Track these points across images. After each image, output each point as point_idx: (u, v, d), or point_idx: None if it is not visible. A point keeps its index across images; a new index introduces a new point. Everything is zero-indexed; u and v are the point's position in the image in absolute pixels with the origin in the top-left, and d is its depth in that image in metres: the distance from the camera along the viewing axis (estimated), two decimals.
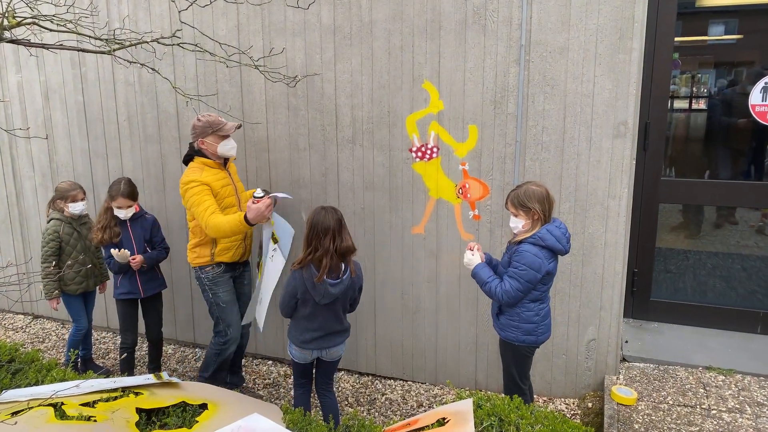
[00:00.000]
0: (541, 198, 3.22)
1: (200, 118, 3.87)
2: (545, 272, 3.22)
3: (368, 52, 4.32)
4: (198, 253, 4.05)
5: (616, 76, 3.81)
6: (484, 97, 4.09)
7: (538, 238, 3.20)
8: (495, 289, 3.27)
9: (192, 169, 3.90)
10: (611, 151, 3.91)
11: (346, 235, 3.31)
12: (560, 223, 3.30)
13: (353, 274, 3.37)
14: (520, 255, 3.20)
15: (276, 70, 4.32)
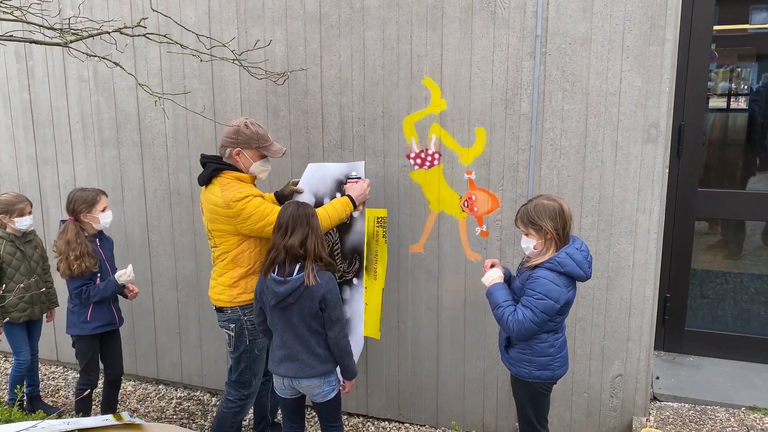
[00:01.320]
0: (553, 214, 3.17)
1: (249, 124, 3.71)
2: (564, 302, 3.16)
3: (359, 44, 4.29)
4: (243, 288, 3.79)
5: (646, 71, 3.78)
6: (493, 95, 4.07)
7: (557, 263, 3.14)
8: (507, 317, 3.21)
9: (232, 184, 3.67)
10: (640, 158, 3.88)
11: (299, 235, 3.33)
12: (581, 244, 3.23)
13: (309, 280, 3.31)
14: (536, 282, 3.15)
15: (256, 65, 4.23)
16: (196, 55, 3.78)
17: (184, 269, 5.11)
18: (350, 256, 4.13)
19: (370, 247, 4.08)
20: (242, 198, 3.57)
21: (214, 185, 3.68)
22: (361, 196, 3.91)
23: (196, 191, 4.89)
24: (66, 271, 4.12)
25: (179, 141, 4.90)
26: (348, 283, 4.14)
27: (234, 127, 3.72)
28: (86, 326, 4.28)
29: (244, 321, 3.82)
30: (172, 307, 5.24)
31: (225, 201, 3.59)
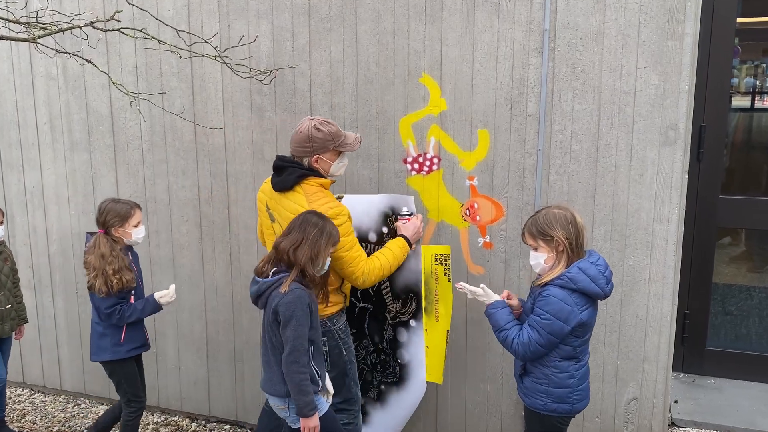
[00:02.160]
0: (565, 222, 3.16)
1: (319, 126, 3.64)
2: (576, 323, 3.11)
3: (352, 38, 4.29)
4: (333, 300, 3.83)
5: (663, 68, 3.78)
6: (497, 94, 4.07)
7: (567, 279, 3.11)
8: (512, 340, 3.22)
9: (319, 195, 3.65)
10: (657, 162, 3.88)
11: (293, 238, 3.37)
12: (597, 258, 3.20)
13: (284, 288, 3.31)
14: (544, 300, 3.13)
15: (239, 62, 4.23)
16: (175, 51, 3.76)
17: (161, 284, 5.03)
18: (404, 296, 4.10)
19: (429, 287, 4.06)
20: (335, 216, 3.56)
21: (297, 193, 3.65)
22: (415, 236, 3.90)
23: (175, 199, 4.90)
24: (102, 288, 3.99)
25: (156, 144, 4.88)
26: (404, 325, 4.11)
27: (303, 133, 3.64)
28: (120, 349, 4.19)
29: (335, 331, 3.83)
30: (148, 325, 4.93)
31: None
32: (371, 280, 3.70)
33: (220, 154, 4.74)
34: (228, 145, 4.71)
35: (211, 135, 4.72)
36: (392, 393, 4.21)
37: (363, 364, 4.31)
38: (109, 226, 4.08)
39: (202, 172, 4.81)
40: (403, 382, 4.18)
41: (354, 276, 3.67)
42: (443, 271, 4.04)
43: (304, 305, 3.32)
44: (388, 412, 4.26)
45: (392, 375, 4.21)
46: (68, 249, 5.24)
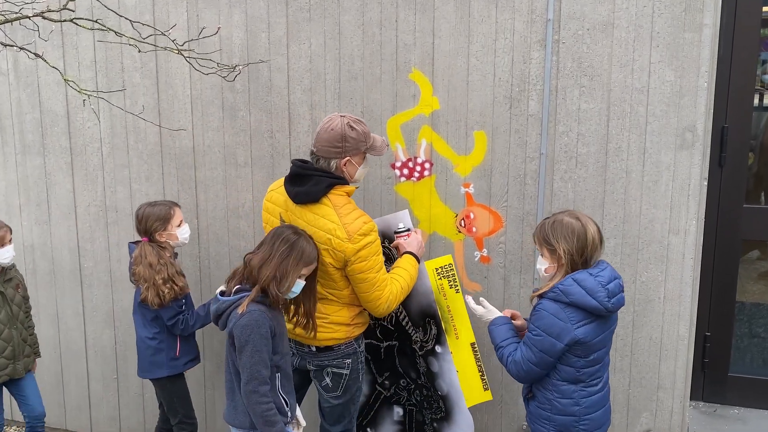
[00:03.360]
0: (571, 235, 3.15)
1: (353, 124, 3.58)
2: (571, 341, 3.09)
3: (334, 29, 4.29)
4: (358, 321, 3.85)
5: (680, 63, 3.80)
6: (495, 92, 4.08)
7: (559, 291, 3.12)
8: (506, 357, 3.28)
9: (348, 207, 3.61)
10: (673, 168, 3.91)
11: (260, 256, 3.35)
12: (602, 269, 3.18)
13: (241, 308, 3.28)
14: (536, 315, 3.19)
15: (206, 56, 4.13)
16: (134, 45, 3.70)
17: (122, 302, 5.02)
18: (422, 322, 4.07)
19: (440, 305, 4.03)
20: (369, 232, 3.55)
21: (325, 206, 3.59)
22: (420, 251, 3.88)
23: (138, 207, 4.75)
24: (155, 300, 4.07)
25: (117, 147, 4.84)
26: (432, 354, 4.07)
27: (335, 131, 3.56)
28: (177, 363, 4.30)
29: (360, 353, 3.87)
30: (108, 347, 5.17)
31: (348, 232, 3.51)
32: (393, 306, 3.69)
33: (188, 158, 4.71)
34: (197, 148, 4.69)
35: (178, 137, 4.70)
36: (444, 429, 4.19)
37: (410, 405, 4.32)
38: (152, 231, 4.16)
39: (168, 178, 4.78)
40: (450, 416, 4.16)
41: (379, 301, 3.63)
42: (448, 284, 4.04)
43: (263, 329, 3.27)
44: None
45: (439, 410, 4.19)
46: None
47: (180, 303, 4.19)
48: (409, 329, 4.10)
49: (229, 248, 4.71)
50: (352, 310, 3.78)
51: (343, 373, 3.84)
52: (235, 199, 4.66)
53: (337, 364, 3.83)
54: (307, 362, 3.87)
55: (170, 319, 4.17)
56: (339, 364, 3.84)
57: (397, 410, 4.33)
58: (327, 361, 3.83)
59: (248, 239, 4.66)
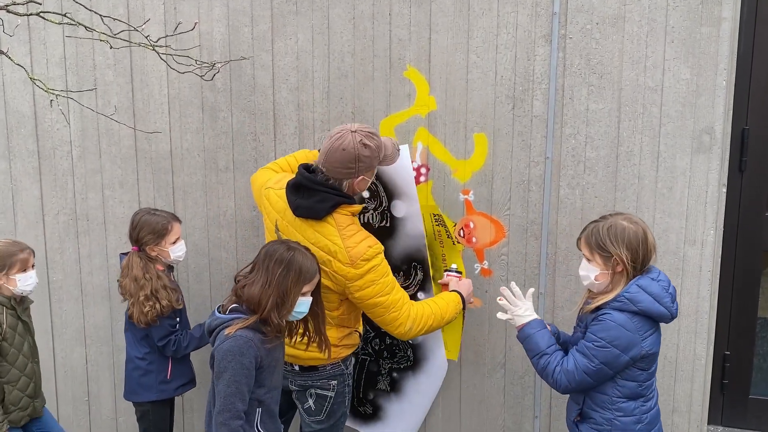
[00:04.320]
0: (634, 241, 3.13)
1: (366, 141, 3.50)
2: (637, 354, 3.11)
3: (323, 24, 4.29)
4: (346, 343, 3.87)
5: (696, 59, 3.80)
6: (497, 91, 4.09)
7: (626, 300, 3.11)
8: (554, 368, 3.23)
9: (352, 229, 3.60)
10: (689, 173, 3.91)
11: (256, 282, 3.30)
12: (658, 274, 3.21)
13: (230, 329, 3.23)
14: (600, 324, 3.14)
15: (184, 53, 4.14)
16: (105, 40, 3.71)
17: (94, 318, 5.02)
18: (405, 266, 4.13)
19: (434, 251, 4.10)
20: (373, 257, 3.54)
21: (328, 225, 3.57)
22: (468, 297, 3.94)
23: (111, 216, 4.85)
24: (141, 318, 4.07)
25: (89, 151, 4.81)
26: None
27: (348, 152, 3.49)
28: (167, 387, 4.28)
29: (347, 375, 3.90)
30: (79, 366, 5.14)
31: (351, 257, 3.50)
32: (417, 330, 3.66)
33: (165, 162, 4.70)
34: (174, 151, 4.68)
35: (155, 140, 4.68)
36: (407, 379, 4.27)
37: (363, 354, 4.37)
38: (143, 243, 4.17)
39: (143, 184, 4.77)
40: (419, 365, 4.25)
41: (397, 323, 3.61)
42: (446, 233, 4.09)
43: (245, 359, 3.20)
44: (406, 402, 4.33)
45: (405, 359, 4.26)
46: None
47: (173, 322, 4.17)
48: None
49: (209, 260, 4.70)
50: (342, 331, 3.79)
51: (327, 395, 3.85)
52: (215, 206, 4.64)
53: (322, 385, 3.84)
54: (289, 382, 3.84)
55: (161, 339, 4.15)
56: (323, 386, 3.84)
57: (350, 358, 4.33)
58: (311, 382, 3.83)
59: (230, 250, 4.66)
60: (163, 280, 4.12)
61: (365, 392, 4.39)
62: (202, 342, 4.22)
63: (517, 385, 4.31)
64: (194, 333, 4.24)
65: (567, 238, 4.05)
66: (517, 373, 4.30)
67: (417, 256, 4.08)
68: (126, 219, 4.65)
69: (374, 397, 4.39)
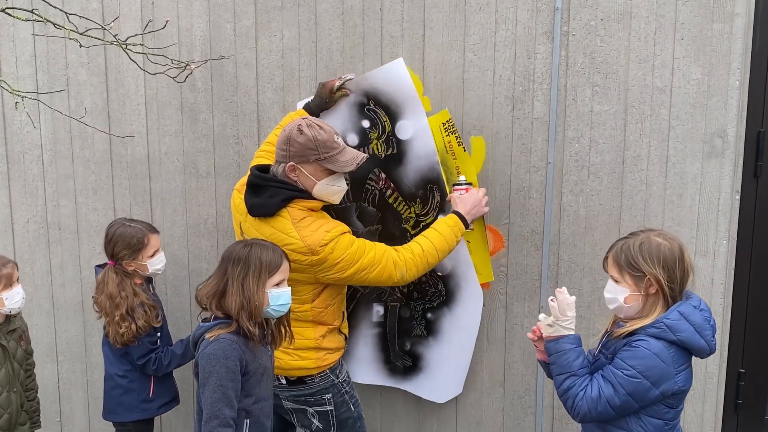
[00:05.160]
0: (669, 259, 3.03)
1: (304, 128, 3.59)
2: (668, 390, 3.00)
3: (310, 20, 4.29)
4: (329, 346, 3.86)
5: (708, 58, 3.81)
6: (495, 92, 4.10)
7: (665, 327, 3.00)
8: (577, 392, 3.09)
9: (308, 221, 3.63)
10: (701, 179, 3.94)
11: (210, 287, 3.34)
12: (699, 302, 3.10)
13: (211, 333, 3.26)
14: (632, 351, 3.01)
15: (161, 51, 4.13)
16: (75, 39, 3.70)
17: (66, 333, 5.01)
18: (421, 191, 4.12)
19: (447, 166, 4.07)
20: (331, 239, 3.58)
21: (283, 219, 3.63)
22: (475, 212, 3.88)
23: (84, 225, 4.84)
24: (117, 339, 4.05)
25: (60, 155, 4.81)
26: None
27: (284, 133, 3.64)
28: (150, 406, 4.27)
29: (340, 384, 3.88)
30: (50, 385, 5.09)
31: (308, 246, 3.55)
32: (412, 272, 3.70)
33: (142, 167, 4.70)
34: (152, 155, 4.67)
35: (131, 143, 4.68)
36: (444, 318, 4.21)
37: (393, 301, 4.32)
38: (119, 258, 4.15)
39: (119, 190, 4.76)
40: (453, 298, 4.20)
41: (385, 275, 3.66)
42: (456, 141, 4.05)
43: (230, 361, 3.20)
44: (446, 344, 4.25)
45: (437, 295, 4.21)
46: None
47: (153, 339, 4.15)
48: (400, 206, 4.15)
49: (188, 271, 4.70)
50: (319, 329, 3.78)
51: (327, 410, 3.86)
52: (195, 214, 4.64)
53: (316, 401, 3.84)
54: (281, 399, 3.84)
55: (141, 357, 4.14)
56: (318, 401, 3.85)
57: (376, 309, 4.34)
58: (303, 398, 3.83)
59: (211, 261, 4.63)
60: (140, 297, 4.09)
61: (401, 344, 4.32)
62: (184, 359, 4.21)
63: (517, 406, 4.30)
64: (176, 350, 4.22)
65: (570, 248, 4.05)
66: (517, 393, 4.29)
67: (431, 176, 4.07)
68: (100, 227, 4.67)
69: (411, 347, 4.33)
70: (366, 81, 4.06)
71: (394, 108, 4.04)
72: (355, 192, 4.16)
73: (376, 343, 4.34)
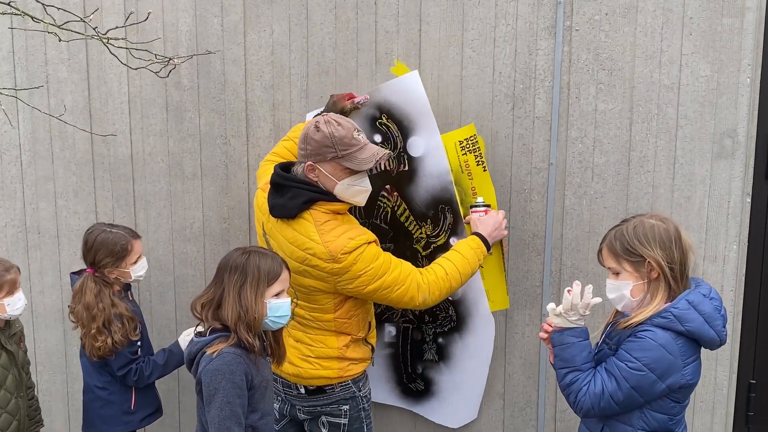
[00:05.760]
0: (666, 239, 3.02)
1: (320, 125, 3.54)
2: (675, 383, 2.97)
3: (301, 14, 4.30)
4: (353, 356, 3.82)
5: (717, 54, 3.82)
6: (494, 89, 4.10)
7: (673, 317, 2.97)
8: (581, 387, 3.07)
9: (332, 224, 3.59)
10: (709, 182, 3.95)
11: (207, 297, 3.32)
12: (709, 290, 3.09)
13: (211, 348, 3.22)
14: (637, 343, 2.99)
15: (144, 46, 4.09)
16: (53, 32, 3.68)
17: (45, 342, 5.00)
18: (432, 212, 4.10)
19: (462, 186, 4.05)
20: (355, 248, 3.52)
21: (305, 222, 3.58)
22: (496, 234, 3.86)
23: (65, 229, 4.83)
24: (93, 352, 4.00)
25: (40, 155, 4.80)
26: (443, 249, 4.02)
27: (303, 132, 3.63)
28: (132, 419, 4.24)
29: (360, 398, 3.86)
30: None
31: (330, 252, 3.50)
32: (435, 297, 3.65)
33: (126, 168, 4.68)
34: (136, 156, 4.66)
35: (114, 143, 4.67)
36: (455, 344, 4.20)
37: (405, 322, 4.30)
38: (100, 266, 4.09)
39: (101, 192, 4.74)
40: (464, 324, 4.18)
41: (407, 297, 3.62)
42: (475, 161, 4.02)
43: (236, 376, 3.18)
44: (458, 371, 4.25)
45: (447, 320, 4.20)
46: None
47: (133, 349, 4.10)
48: (411, 225, 4.13)
49: (174, 277, 4.68)
50: (342, 338, 3.74)
51: (340, 422, 3.85)
52: (181, 218, 4.64)
53: (332, 411, 3.83)
54: (297, 410, 3.86)
55: (120, 368, 4.09)
56: (334, 411, 3.84)
57: (389, 329, 4.33)
58: (319, 407, 3.82)
59: (197, 267, 4.65)
60: (118, 308, 4.05)
61: (413, 366, 4.32)
62: (166, 369, 4.17)
63: (517, 418, 4.30)
64: (158, 360, 4.17)
65: (573, 253, 4.05)
66: (518, 405, 4.29)
67: (444, 196, 4.04)
68: (81, 231, 4.59)
69: (423, 370, 4.32)
70: (379, 93, 4.05)
71: (407, 123, 4.02)
72: (366, 208, 4.14)
73: (389, 363, 4.34)
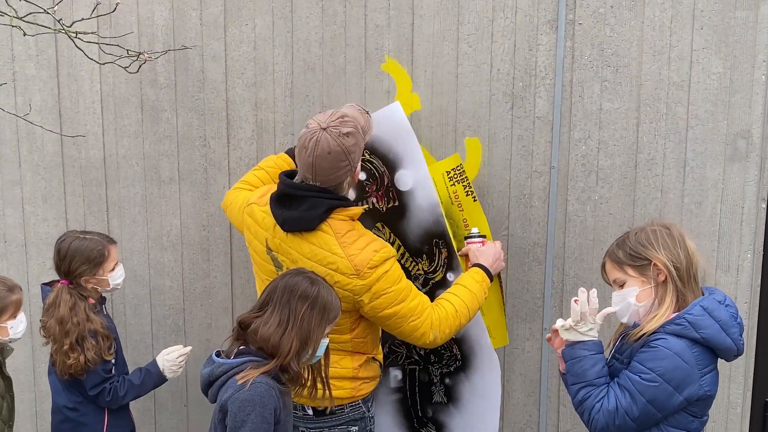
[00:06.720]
0: (670, 242, 3.06)
1: (344, 128, 3.47)
2: (693, 395, 2.97)
3: (285, 7, 4.30)
4: (365, 375, 3.82)
5: (730, 50, 3.84)
6: (492, 87, 4.11)
7: (687, 323, 2.97)
8: (593, 403, 3.07)
9: (354, 235, 3.57)
10: (722, 186, 3.96)
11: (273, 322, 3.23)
12: (724, 297, 3.10)
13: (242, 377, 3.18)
14: (650, 353, 2.99)
15: (116, 41, 4.07)
16: (17, 26, 3.70)
17: (13, 359, 4.69)
18: (426, 247, 4.10)
19: (454, 218, 4.07)
20: (381, 262, 3.50)
21: (324, 235, 3.54)
22: (496, 265, 3.86)
23: (33, 237, 4.84)
24: (64, 370, 3.94)
25: (6, 158, 4.77)
26: (442, 286, 4.06)
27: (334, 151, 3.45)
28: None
29: (369, 419, 3.87)
30: None
31: (355, 266, 3.47)
32: (445, 335, 3.62)
33: (98, 172, 4.67)
34: (108, 159, 4.65)
35: (85, 145, 4.65)
36: (462, 384, 4.21)
37: (411, 364, 4.31)
38: (76, 276, 4.04)
39: (71, 198, 4.73)
40: (469, 363, 4.20)
41: (419, 332, 3.58)
42: (464, 191, 4.04)
43: (267, 410, 3.16)
44: (468, 413, 4.24)
45: (452, 359, 4.21)
46: None
47: (107, 367, 4.07)
48: (407, 262, 4.13)
49: (150, 289, 4.67)
50: (357, 359, 3.74)
51: None
52: (158, 225, 4.64)
53: (339, 431, 3.84)
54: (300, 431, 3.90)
55: (93, 387, 4.03)
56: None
57: (394, 374, 4.35)
58: (327, 429, 3.82)
59: (175, 278, 4.65)
60: (94, 323, 4.00)
61: (423, 410, 4.33)
62: (142, 390, 4.15)
63: None
64: (133, 380, 4.14)
65: (576, 262, 4.07)
66: (518, 425, 4.30)
67: (437, 230, 4.04)
68: (51, 239, 4.64)
69: (433, 414, 4.32)
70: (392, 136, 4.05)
71: (392, 157, 4.01)
72: None
73: (399, 409, 4.34)
